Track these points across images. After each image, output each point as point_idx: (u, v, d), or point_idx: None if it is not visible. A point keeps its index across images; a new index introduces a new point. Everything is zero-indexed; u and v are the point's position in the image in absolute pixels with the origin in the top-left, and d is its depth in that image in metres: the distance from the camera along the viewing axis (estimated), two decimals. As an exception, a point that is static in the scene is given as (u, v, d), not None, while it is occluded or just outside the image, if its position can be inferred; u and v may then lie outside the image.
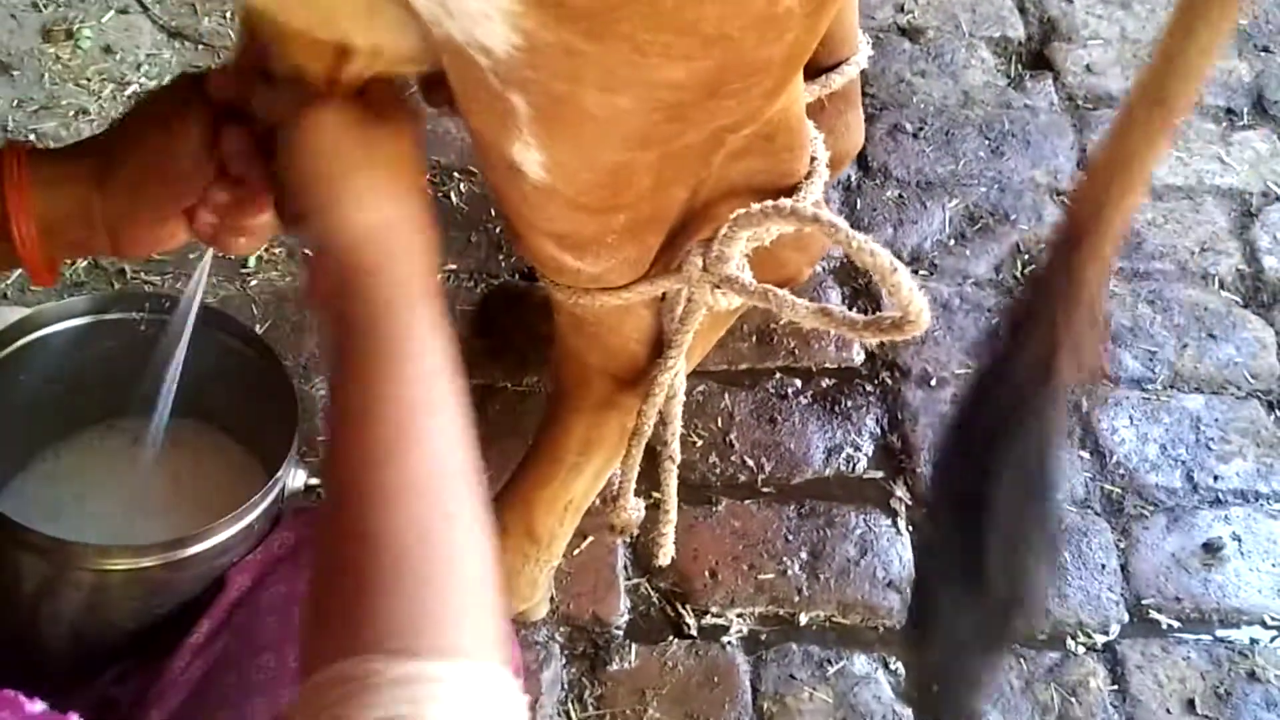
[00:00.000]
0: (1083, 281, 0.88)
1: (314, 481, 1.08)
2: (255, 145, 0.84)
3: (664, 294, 1.00)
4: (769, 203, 0.87)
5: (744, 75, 0.72)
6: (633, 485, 1.16)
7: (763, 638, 1.45)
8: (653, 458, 1.23)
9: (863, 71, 1.31)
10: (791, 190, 0.92)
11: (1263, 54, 2.09)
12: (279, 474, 1.01)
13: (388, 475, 0.69)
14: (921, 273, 1.77)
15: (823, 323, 0.88)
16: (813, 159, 0.93)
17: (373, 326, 0.74)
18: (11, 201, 0.82)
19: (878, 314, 0.85)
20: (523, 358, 1.62)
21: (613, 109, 0.73)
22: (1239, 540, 1.56)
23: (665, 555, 1.19)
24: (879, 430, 1.62)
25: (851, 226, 0.87)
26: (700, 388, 1.61)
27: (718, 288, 0.94)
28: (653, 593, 1.47)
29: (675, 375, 1.05)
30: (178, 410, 1.07)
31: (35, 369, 1.07)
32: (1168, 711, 1.42)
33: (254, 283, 1.65)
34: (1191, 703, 1.43)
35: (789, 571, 1.49)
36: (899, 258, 0.89)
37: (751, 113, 0.79)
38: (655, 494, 1.29)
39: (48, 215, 0.83)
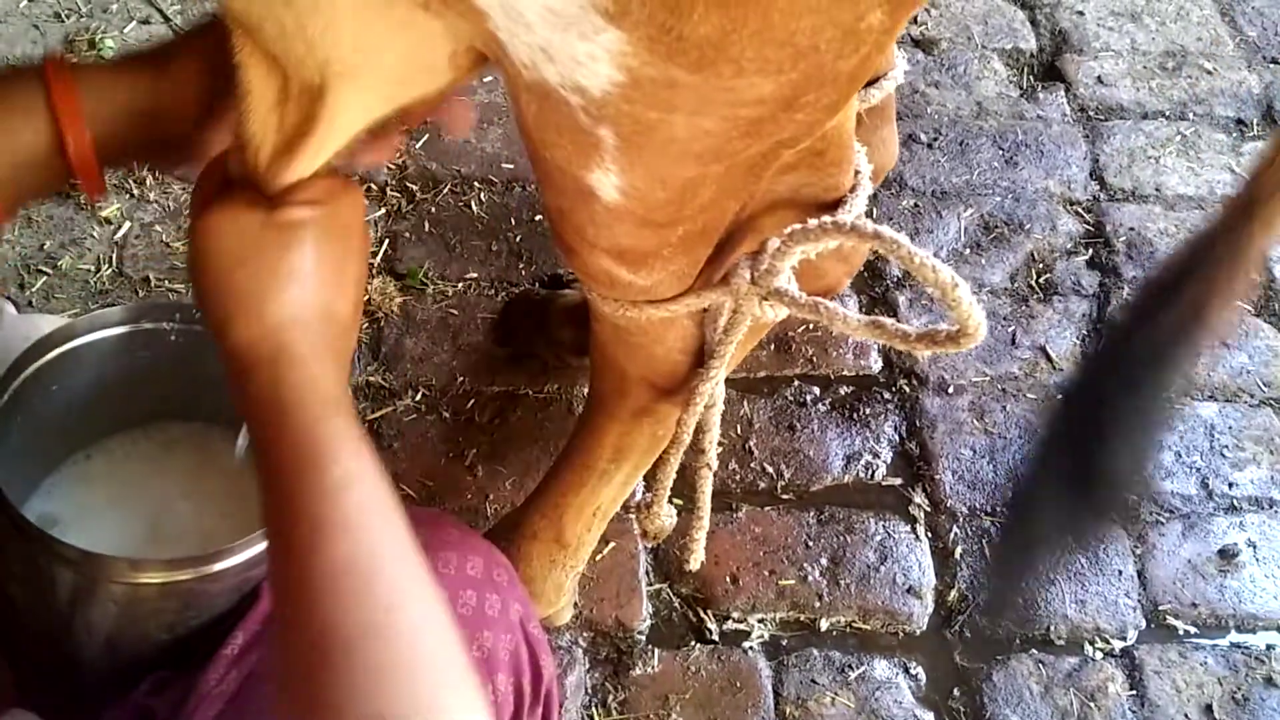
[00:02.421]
0: (1250, 244, 0.99)
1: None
2: None
3: (708, 305, 1.01)
4: (827, 219, 0.88)
5: (818, 88, 0.73)
6: (667, 492, 1.17)
7: (784, 643, 1.46)
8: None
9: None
10: (836, 204, 0.93)
11: (1272, 65, 2.11)
12: None
13: (321, 563, 0.68)
14: (937, 281, 1.79)
15: (874, 335, 0.89)
16: (856, 173, 0.95)
17: (279, 434, 0.72)
18: (63, 110, 0.80)
19: (931, 327, 0.86)
20: (543, 365, 1.63)
21: (698, 130, 0.74)
22: (1254, 546, 1.57)
23: (696, 560, 1.20)
24: (897, 437, 1.63)
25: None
26: (720, 395, 1.62)
27: (766, 300, 0.95)
28: (674, 598, 1.48)
29: (716, 384, 1.07)
30: (208, 417, 1.09)
31: (69, 379, 1.08)
32: (1186, 717, 1.44)
33: (276, 290, 1.66)
34: (1209, 708, 1.44)
35: (809, 577, 1.50)
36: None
37: (812, 126, 0.80)
38: (677, 500, 1.30)
39: (98, 119, 0.81)
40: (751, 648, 1.45)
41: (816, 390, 1.66)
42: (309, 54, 0.70)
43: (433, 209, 1.78)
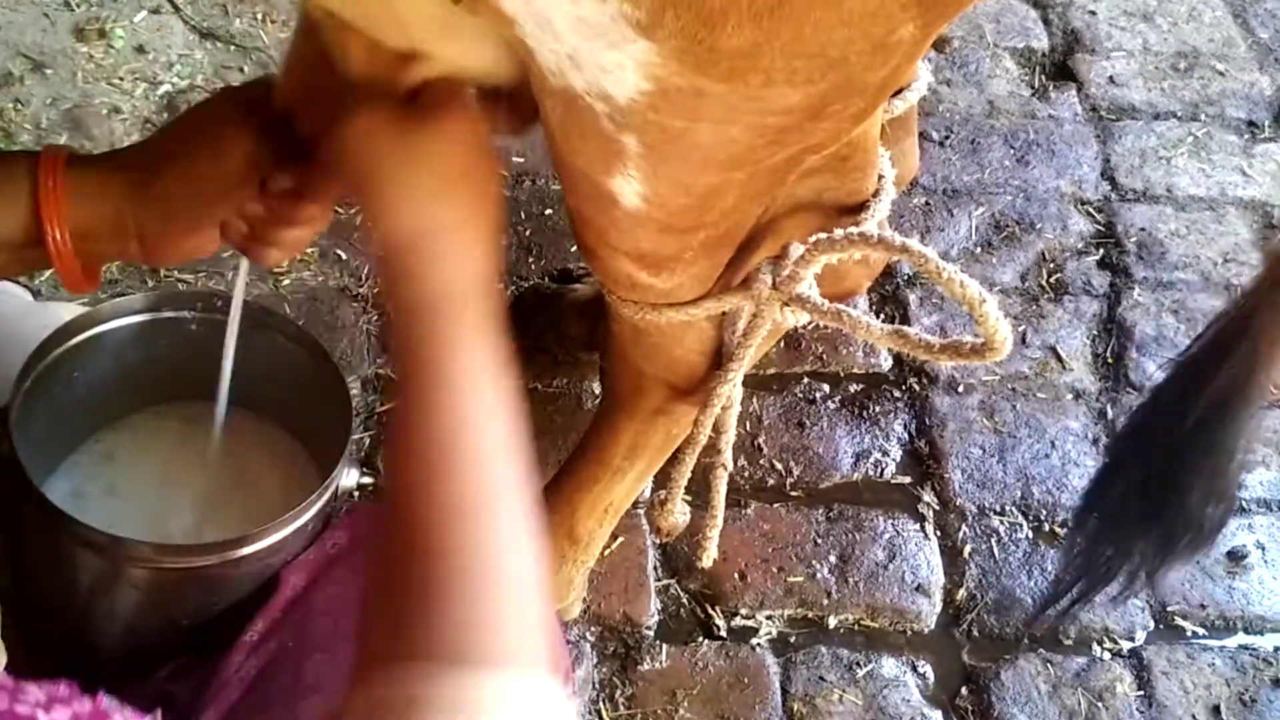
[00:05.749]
0: None
1: (365, 480, 1.09)
2: (302, 155, 0.84)
3: (728, 309, 1.00)
4: (854, 230, 0.87)
5: (846, 97, 0.73)
6: (682, 490, 1.17)
7: (792, 640, 1.46)
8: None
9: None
10: (858, 208, 0.93)
11: (1284, 67, 2.11)
12: (333, 474, 1.02)
13: (441, 494, 0.69)
14: (948, 280, 1.79)
15: (897, 344, 0.88)
16: (880, 177, 0.94)
17: (419, 338, 0.73)
18: (46, 209, 0.81)
19: (956, 339, 0.86)
20: (552, 359, 1.63)
21: (723, 138, 0.74)
22: (1263, 549, 1.57)
23: (708, 558, 1.20)
24: (907, 435, 1.63)
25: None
26: (729, 391, 1.61)
27: (787, 305, 0.94)
28: (682, 594, 1.48)
29: (733, 386, 1.06)
30: (233, 401, 1.09)
31: (91, 365, 1.08)
32: (1193, 718, 1.44)
33: (286, 282, 1.66)
34: (1217, 709, 1.44)
35: (818, 574, 1.50)
36: (927, 264, 0.91)
37: (838, 134, 0.80)
38: (687, 496, 1.29)
39: (81, 224, 0.83)
40: (759, 644, 1.45)
41: (826, 388, 1.66)
42: (390, 37, 0.72)
43: (443, 202, 1.77)
